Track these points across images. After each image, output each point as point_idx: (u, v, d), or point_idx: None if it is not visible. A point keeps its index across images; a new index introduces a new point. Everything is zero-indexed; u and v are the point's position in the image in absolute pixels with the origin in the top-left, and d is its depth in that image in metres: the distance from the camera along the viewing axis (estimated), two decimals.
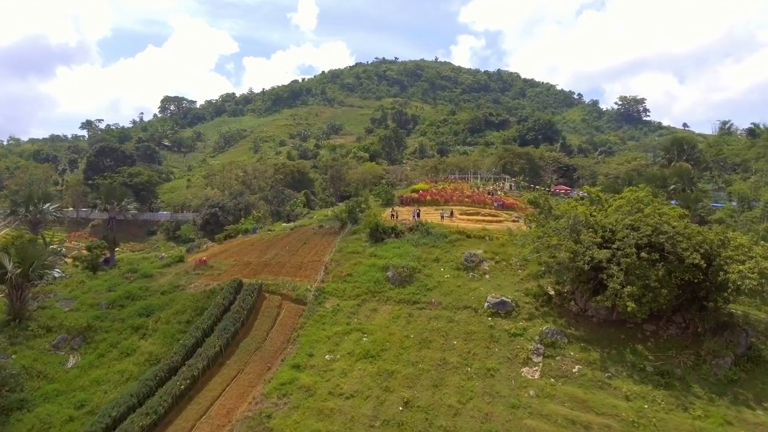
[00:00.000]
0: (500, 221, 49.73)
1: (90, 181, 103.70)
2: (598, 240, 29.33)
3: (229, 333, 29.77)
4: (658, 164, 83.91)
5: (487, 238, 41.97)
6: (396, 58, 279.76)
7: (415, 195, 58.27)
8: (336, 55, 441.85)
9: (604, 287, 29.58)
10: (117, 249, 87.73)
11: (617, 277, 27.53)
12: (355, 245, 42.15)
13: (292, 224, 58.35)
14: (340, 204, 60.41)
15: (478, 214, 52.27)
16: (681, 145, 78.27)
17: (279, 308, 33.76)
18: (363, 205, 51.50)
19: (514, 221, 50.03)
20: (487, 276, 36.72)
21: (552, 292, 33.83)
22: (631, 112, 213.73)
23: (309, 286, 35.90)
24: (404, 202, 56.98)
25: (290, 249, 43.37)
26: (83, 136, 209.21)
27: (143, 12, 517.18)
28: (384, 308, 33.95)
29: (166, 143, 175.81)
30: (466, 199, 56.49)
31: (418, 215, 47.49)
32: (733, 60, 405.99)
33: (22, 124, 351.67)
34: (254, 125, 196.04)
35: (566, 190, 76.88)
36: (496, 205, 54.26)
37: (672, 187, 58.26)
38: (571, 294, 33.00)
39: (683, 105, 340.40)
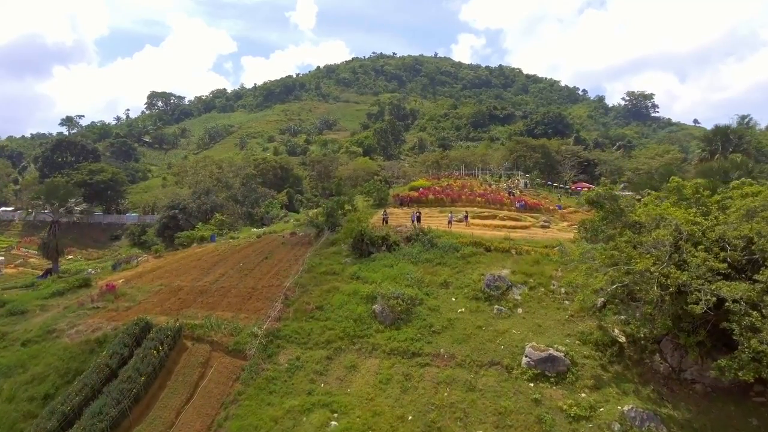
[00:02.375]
0: (526, 226, 38.34)
1: (47, 179, 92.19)
2: (720, 265, 17.71)
3: (107, 420, 17.97)
4: (697, 157, 72.33)
5: (513, 251, 30.35)
6: (394, 53, 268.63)
7: (415, 194, 46.67)
8: (335, 54, 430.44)
9: (721, 338, 18.27)
10: (70, 257, 76.50)
11: (763, 332, 15.95)
12: (332, 262, 30.43)
13: (261, 230, 47.04)
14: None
15: (495, 217, 40.86)
16: (726, 136, 66.72)
17: (205, 366, 21.92)
18: (347, 206, 39.83)
19: (543, 226, 38.59)
20: (520, 310, 25.04)
21: (623, 339, 22.26)
22: (639, 108, 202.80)
23: (256, 328, 24.06)
24: (401, 203, 45.37)
25: (243, 266, 31.65)
26: (64, 134, 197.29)
27: (140, 11, 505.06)
28: (367, 364, 22.28)
29: (147, 139, 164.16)
30: (478, 199, 45.03)
31: (418, 219, 35.60)
32: (735, 59, 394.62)
33: (21, 124, 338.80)
34: (243, 121, 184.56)
35: (588, 187, 65.67)
36: (517, 205, 42.67)
37: (732, 182, 46.71)
38: (655, 343, 21.47)
39: (684, 104, 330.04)
